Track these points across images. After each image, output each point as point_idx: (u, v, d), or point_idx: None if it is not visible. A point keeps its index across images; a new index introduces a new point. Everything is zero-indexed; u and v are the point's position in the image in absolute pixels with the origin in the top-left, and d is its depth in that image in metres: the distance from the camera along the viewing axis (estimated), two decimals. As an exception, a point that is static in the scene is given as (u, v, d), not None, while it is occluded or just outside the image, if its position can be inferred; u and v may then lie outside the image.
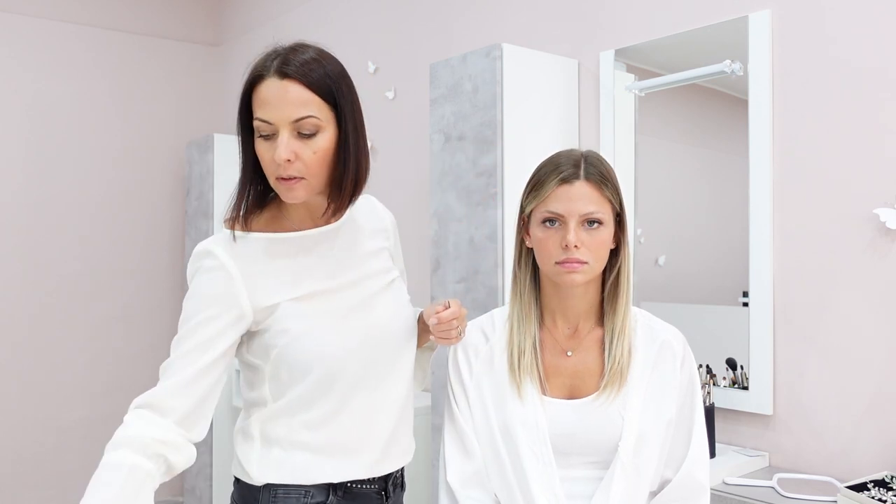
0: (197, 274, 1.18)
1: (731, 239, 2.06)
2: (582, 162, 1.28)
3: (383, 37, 3.20)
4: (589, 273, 1.26)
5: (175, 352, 1.13)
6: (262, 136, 1.14)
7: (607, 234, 1.28)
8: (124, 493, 1.03)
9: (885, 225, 1.75)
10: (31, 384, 3.76)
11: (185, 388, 1.10)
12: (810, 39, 1.89)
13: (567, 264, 1.24)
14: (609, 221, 1.28)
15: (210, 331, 1.13)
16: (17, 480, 3.70)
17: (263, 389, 1.22)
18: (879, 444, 1.77)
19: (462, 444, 1.33)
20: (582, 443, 1.27)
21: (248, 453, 1.23)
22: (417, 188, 3.01)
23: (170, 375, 1.11)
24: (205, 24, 4.36)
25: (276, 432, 1.22)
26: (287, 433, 1.21)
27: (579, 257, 1.24)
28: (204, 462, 3.72)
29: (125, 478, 1.03)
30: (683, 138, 2.27)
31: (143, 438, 1.06)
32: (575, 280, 1.25)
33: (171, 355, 1.13)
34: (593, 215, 1.25)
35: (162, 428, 1.08)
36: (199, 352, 1.12)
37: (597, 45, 2.37)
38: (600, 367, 1.31)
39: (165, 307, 4.18)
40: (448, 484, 1.31)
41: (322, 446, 1.22)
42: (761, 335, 1.95)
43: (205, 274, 1.17)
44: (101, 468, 1.05)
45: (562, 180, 1.26)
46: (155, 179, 4.15)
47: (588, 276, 1.26)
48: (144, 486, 1.05)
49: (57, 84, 3.84)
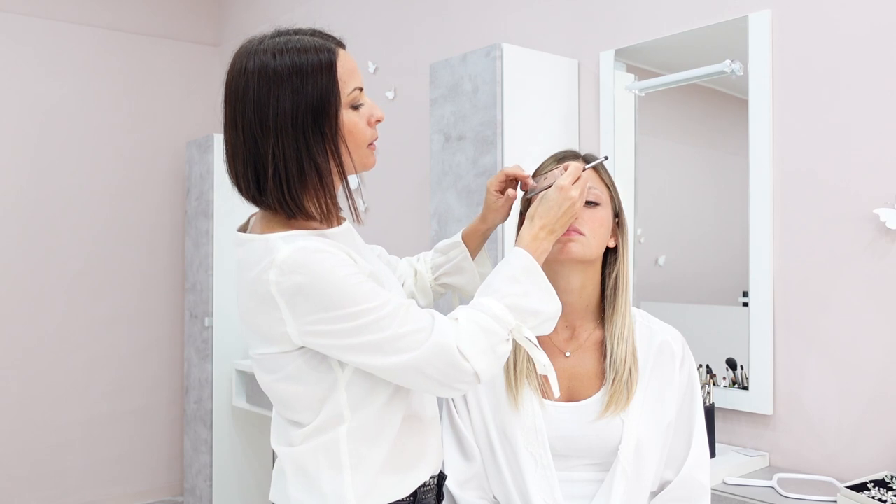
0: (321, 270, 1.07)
1: (731, 239, 2.05)
2: (579, 153, 1.35)
3: (383, 37, 3.20)
4: (586, 248, 1.26)
5: (392, 323, 1.05)
6: (354, 107, 1.13)
7: (606, 214, 1.29)
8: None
9: (885, 225, 1.75)
10: (31, 384, 3.76)
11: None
12: (810, 39, 1.89)
13: (565, 234, 1.24)
14: (607, 205, 1.30)
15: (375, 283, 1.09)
16: (17, 480, 3.70)
17: (339, 402, 1.11)
18: (879, 444, 1.77)
19: (461, 447, 1.33)
20: (581, 446, 1.27)
21: (335, 485, 1.10)
22: (417, 188, 3.01)
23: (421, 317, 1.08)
24: (205, 24, 4.36)
25: (362, 450, 1.11)
26: (373, 447, 1.12)
27: (578, 227, 1.24)
28: (204, 462, 3.73)
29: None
30: (683, 138, 2.27)
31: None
32: (572, 251, 1.24)
33: (391, 331, 1.04)
34: (591, 191, 1.27)
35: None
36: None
37: (597, 45, 2.37)
38: (599, 368, 1.30)
39: (165, 307, 4.18)
40: (447, 487, 1.31)
41: (403, 455, 1.15)
42: (761, 335, 1.95)
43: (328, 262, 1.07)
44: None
45: (560, 160, 1.31)
46: (155, 179, 4.15)
47: (585, 250, 1.26)
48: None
49: (57, 84, 3.84)
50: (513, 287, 1.11)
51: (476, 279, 1.40)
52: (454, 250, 1.40)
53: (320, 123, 1.08)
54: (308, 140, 1.07)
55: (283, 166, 1.07)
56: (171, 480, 4.20)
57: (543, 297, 1.13)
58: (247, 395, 3.60)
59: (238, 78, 1.09)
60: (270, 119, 1.06)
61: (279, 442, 1.19)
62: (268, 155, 1.07)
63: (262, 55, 1.08)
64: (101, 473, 3.95)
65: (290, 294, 1.03)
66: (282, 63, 1.07)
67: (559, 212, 1.18)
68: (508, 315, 1.09)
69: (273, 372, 1.12)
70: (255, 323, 1.10)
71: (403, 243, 3.02)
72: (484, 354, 1.06)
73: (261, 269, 1.05)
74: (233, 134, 1.10)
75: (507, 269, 1.14)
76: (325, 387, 1.10)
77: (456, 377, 1.05)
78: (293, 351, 1.08)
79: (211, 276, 3.69)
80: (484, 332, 1.07)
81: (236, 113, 1.09)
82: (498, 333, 1.08)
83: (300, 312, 1.04)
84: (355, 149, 1.13)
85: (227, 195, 3.77)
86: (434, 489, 1.22)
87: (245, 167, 1.09)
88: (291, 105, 1.06)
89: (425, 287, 1.43)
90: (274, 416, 1.22)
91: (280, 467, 1.17)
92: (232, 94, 1.10)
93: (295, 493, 1.13)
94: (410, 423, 1.15)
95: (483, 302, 1.10)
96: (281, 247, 1.05)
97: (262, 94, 1.06)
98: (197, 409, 3.80)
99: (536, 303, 1.12)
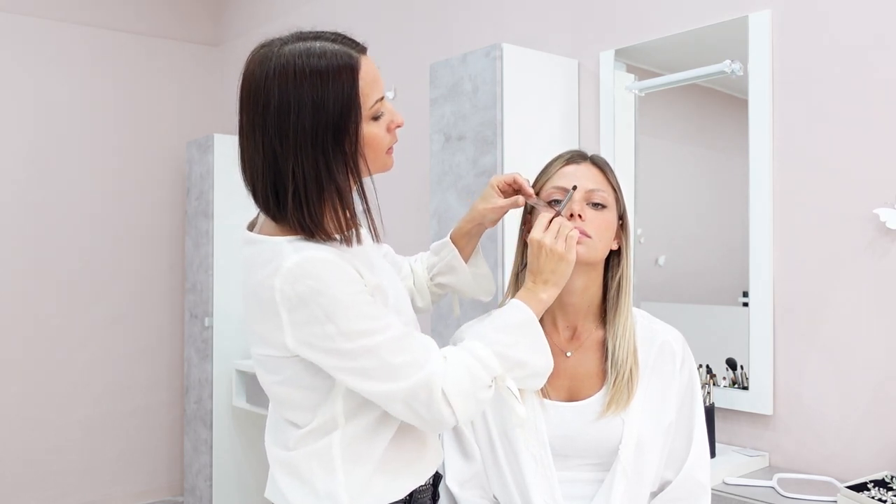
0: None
1: (731, 239, 2.05)
2: (587, 154, 1.35)
3: (383, 37, 3.20)
4: (592, 250, 1.26)
5: (393, 349, 1.05)
6: (375, 117, 1.11)
7: (611, 217, 1.29)
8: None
9: (885, 225, 1.75)
10: (31, 384, 3.76)
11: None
12: (810, 39, 1.89)
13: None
14: (612, 208, 1.30)
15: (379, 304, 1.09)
16: (17, 480, 3.70)
17: (334, 409, 1.11)
18: (879, 444, 1.77)
19: (461, 446, 1.33)
20: (581, 445, 1.27)
21: (328, 485, 1.10)
22: (417, 188, 3.01)
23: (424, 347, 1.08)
24: (205, 24, 4.36)
25: (354, 454, 1.12)
26: (366, 451, 1.12)
27: (584, 229, 1.24)
28: (204, 462, 3.73)
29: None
30: (683, 138, 2.27)
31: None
32: (578, 252, 1.24)
33: (389, 358, 1.04)
34: (598, 193, 1.28)
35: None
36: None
37: (597, 45, 2.37)
38: (599, 368, 1.31)
39: (165, 307, 4.18)
40: (447, 486, 1.31)
41: (399, 458, 1.15)
42: (761, 335, 1.95)
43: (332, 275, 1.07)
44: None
45: (568, 161, 1.32)
46: (155, 179, 4.15)
47: (591, 252, 1.26)
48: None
49: (57, 84, 3.84)
50: (502, 336, 1.12)
51: (469, 278, 1.40)
52: (444, 250, 1.40)
53: (340, 140, 1.06)
54: (328, 158, 1.05)
55: (304, 186, 1.04)
56: (171, 480, 4.20)
57: (534, 350, 1.13)
58: (247, 395, 3.60)
59: (257, 87, 1.05)
60: (291, 136, 1.03)
61: (274, 443, 1.18)
62: (288, 173, 1.04)
63: (283, 66, 1.04)
64: (100, 473, 3.95)
65: (292, 303, 1.03)
66: (302, 76, 1.03)
67: (541, 263, 1.18)
68: (495, 361, 1.09)
69: (273, 373, 1.12)
70: (256, 325, 1.10)
71: (403, 243, 3.01)
72: (466, 399, 1.06)
73: (266, 273, 1.04)
74: (250, 144, 1.07)
75: (500, 318, 1.15)
76: (322, 393, 1.10)
77: (434, 417, 1.05)
78: (291, 357, 1.08)
79: (211, 276, 3.69)
80: (469, 375, 1.07)
81: (254, 124, 1.06)
82: (482, 378, 1.08)
83: (299, 322, 1.03)
84: (374, 159, 1.13)
85: (227, 195, 3.78)
86: (430, 489, 1.22)
87: (265, 181, 1.07)
88: (312, 121, 1.03)
89: (422, 287, 1.43)
90: (270, 415, 1.22)
91: (274, 467, 1.17)
92: (251, 104, 1.06)
93: (289, 492, 1.13)
94: (409, 427, 1.15)
95: (473, 345, 1.10)
96: (289, 254, 1.04)
97: (282, 108, 1.03)
98: (197, 409, 3.80)
99: (524, 354, 1.12)
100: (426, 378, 1.04)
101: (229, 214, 3.69)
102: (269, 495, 1.18)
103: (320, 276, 1.02)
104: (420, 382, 1.04)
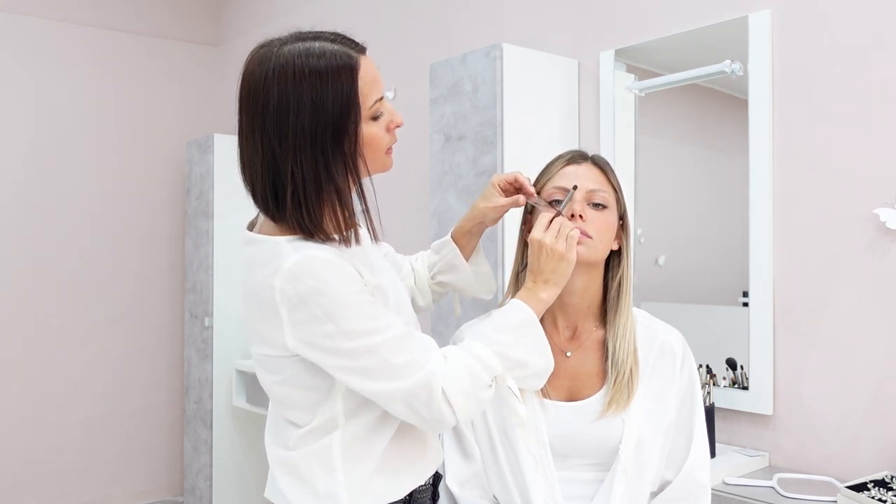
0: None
1: (731, 239, 2.05)
2: (588, 154, 1.35)
3: (383, 37, 3.20)
4: (593, 251, 1.26)
5: (392, 348, 1.05)
6: (374, 117, 1.11)
7: (612, 217, 1.29)
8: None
9: (885, 225, 1.75)
10: (31, 384, 3.76)
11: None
12: (810, 39, 1.89)
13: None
14: (613, 209, 1.30)
15: (379, 304, 1.08)
16: (17, 480, 3.70)
17: (334, 409, 1.11)
18: (879, 444, 1.77)
19: (461, 446, 1.33)
20: (581, 445, 1.27)
21: (328, 485, 1.10)
22: (417, 188, 3.01)
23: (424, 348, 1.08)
24: (205, 24, 4.36)
25: (354, 454, 1.11)
26: (366, 451, 1.12)
27: (585, 229, 1.25)
28: (204, 462, 3.73)
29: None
30: (683, 138, 2.27)
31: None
32: (579, 253, 1.23)
33: (389, 357, 1.04)
34: (599, 194, 1.28)
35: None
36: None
37: (597, 45, 2.37)
38: (600, 368, 1.31)
39: (165, 307, 4.18)
40: (447, 486, 1.31)
41: (399, 457, 1.14)
42: (761, 335, 1.95)
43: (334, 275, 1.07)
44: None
45: (569, 161, 1.32)
46: (155, 179, 4.15)
47: (592, 253, 1.26)
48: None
49: (57, 84, 3.84)
50: (502, 336, 1.12)
51: (470, 277, 1.40)
52: (445, 248, 1.40)
53: (339, 140, 1.06)
54: (327, 158, 1.05)
55: (303, 187, 1.05)
56: (171, 480, 4.20)
57: (534, 350, 1.13)
58: (247, 395, 3.60)
59: (257, 87, 1.06)
60: (290, 136, 1.03)
61: (274, 443, 1.18)
62: (287, 173, 1.04)
63: (282, 66, 1.04)
64: (100, 473, 3.95)
65: (292, 303, 1.03)
66: (302, 76, 1.03)
67: (541, 262, 1.18)
68: (495, 361, 1.09)
69: (273, 373, 1.12)
70: (256, 325, 1.10)
71: (403, 243, 3.01)
72: (466, 399, 1.06)
73: (266, 273, 1.04)
74: (249, 144, 1.08)
75: (500, 318, 1.15)
76: (322, 393, 1.10)
77: (434, 416, 1.05)
78: (291, 356, 1.08)
79: (211, 276, 3.69)
80: (469, 375, 1.07)
81: (254, 124, 1.06)
82: (482, 378, 1.08)
83: (299, 322, 1.03)
84: (373, 159, 1.13)
85: (227, 195, 3.79)
86: (429, 488, 1.22)
87: (264, 181, 1.07)
88: (311, 122, 1.03)
89: (423, 286, 1.43)
90: (270, 415, 1.22)
91: (274, 467, 1.17)
92: (250, 104, 1.07)
93: (289, 492, 1.13)
94: (409, 427, 1.15)
95: (473, 345, 1.10)
96: (289, 253, 1.04)
97: (281, 108, 1.04)
98: (197, 409, 3.80)
99: (525, 354, 1.12)
100: (426, 378, 1.04)
101: (229, 214, 3.69)
102: (269, 495, 1.18)
103: (320, 275, 1.03)
104: (420, 382, 1.04)
